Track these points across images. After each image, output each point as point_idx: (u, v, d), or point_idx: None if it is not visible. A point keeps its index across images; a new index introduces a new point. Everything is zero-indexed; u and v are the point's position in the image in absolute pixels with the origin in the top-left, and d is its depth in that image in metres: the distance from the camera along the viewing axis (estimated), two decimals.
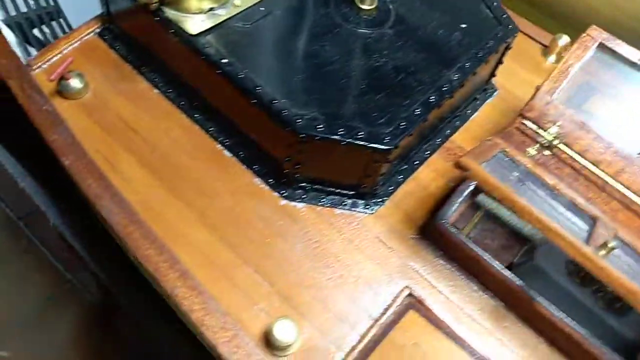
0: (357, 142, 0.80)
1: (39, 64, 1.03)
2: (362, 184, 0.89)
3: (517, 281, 0.83)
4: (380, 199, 0.93)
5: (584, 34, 0.92)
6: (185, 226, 0.88)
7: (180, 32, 0.87)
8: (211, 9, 0.89)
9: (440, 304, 0.85)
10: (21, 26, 1.30)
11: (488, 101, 1.12)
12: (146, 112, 0.98)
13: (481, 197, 0.92)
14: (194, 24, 0.87)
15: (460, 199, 0.87)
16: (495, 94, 1.13)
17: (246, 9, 0.92)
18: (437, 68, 0.92)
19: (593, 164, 0.86)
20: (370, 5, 0.94)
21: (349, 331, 0.82)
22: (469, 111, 1.08)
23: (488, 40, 0.98)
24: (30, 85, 0.98)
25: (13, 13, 1.32)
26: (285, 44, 0.89)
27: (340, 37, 0.92)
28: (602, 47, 0.91)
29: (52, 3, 1.37)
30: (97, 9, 1.11)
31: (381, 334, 0.80)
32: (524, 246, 0.94)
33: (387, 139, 0.80)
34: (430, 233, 0.90)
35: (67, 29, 1.36)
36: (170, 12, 0.87)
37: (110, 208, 0.87)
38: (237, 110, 0.90)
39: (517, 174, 0.88)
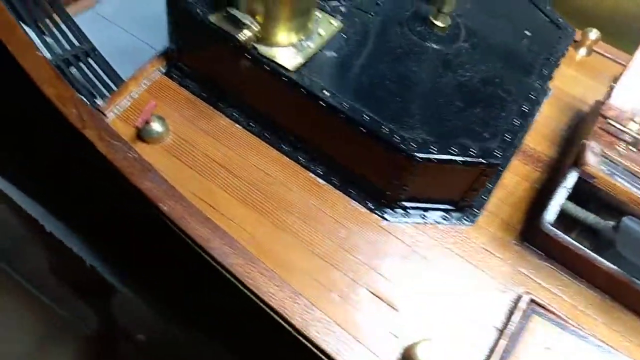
0: (472, 159, 0.82)
1: (110, 109, 1.01)
2: (465, 197, 0.91)
3: (626, 274, 0.87)
4: (477, 209, 0.96)
5: None
6: (297, 258, 0.89)
7: (276, 68, 0.87)
8: (300, 41, 0.89)
9: (556, 304, 0.88)
10: (60, 68, 1.27)
11: (545, 100, 1.16)
12: (233, 148, 0.98)
13: None
14: (288, 59, 0.87)
15: (561, 202, 0.91)
16: (549, 93, 1.18)
17: (330, 38, 0.92)
18: (518, 76, 0.95)
19: None
20: (444, 22, 0.96)
21: (478, 345, 0.84)
22: None
23: (554, 44, 1.02)
24: (108, 134, 0.96)
25: (48, 56, 1.28)
26: (374, 68, 0.91)
27: (422, 56, 0.94)
28: None
29: (85, 42, 1.33)
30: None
31: (511, 344, 0.83)
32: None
33: (498, 153, 0.83)
34: (534, 236, 0.93)
35: (103, 66, 1.33)
36: (262, 49, 0.87)
37: (223, 250, 0.87)
38: (335, 139, 0.91)
39: (607, 170, 0.92)
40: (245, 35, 0.82)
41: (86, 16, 1.67)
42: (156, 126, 0.96)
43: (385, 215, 0.93)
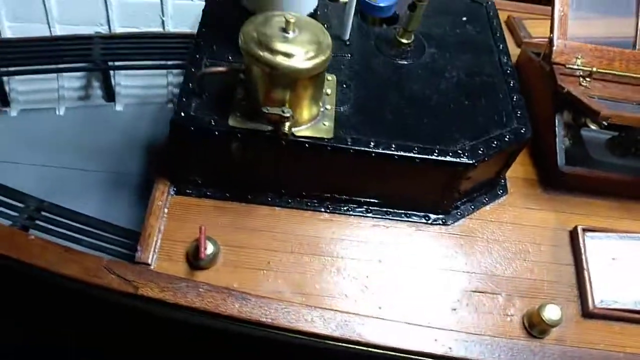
0: (512, 144, 0.94)
1: (150, 255, 0.93)
2: (501, 175, 1.04)
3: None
4: (503, 180, 1.09)
5: None
6: (400, 296, 0.94)
7: (318, 143, 0.88)
8: (319, 109, 0.91)
9: (600, 223, 1.05)
10: None
11: None
12: (285, 231, 0.97)
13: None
14: (322, 129, 0.89)
15: (562, 146, 1.07)
16: None
17: (335, 92, 0.95)
18: (486, 58, 1.07)
19: (621, 70, 1.11)
20: (409, 39, 1.04)
21: (567, 283, 0.98)
22: None
23: (489, 18, 1.16)
24: (167, 280, 0.89)
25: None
26: (387, 102, 0.96)
27: (412, 73, 1.02)
28: None
29: (26, 198, 1.17)
30: None
31: (589, 272, 0.98)
32: None
33: (524, 129, 0.96)
34: (555, 181, 1.08)
35: (67, 213, 1.18)
36: (297, 131, 0.87)
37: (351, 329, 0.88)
38: (384, 178, 0.95)
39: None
40: (286, 126, 0.82)
41: None
42: (210, 248, 0.92)
43: (446, 222, 1.02)
